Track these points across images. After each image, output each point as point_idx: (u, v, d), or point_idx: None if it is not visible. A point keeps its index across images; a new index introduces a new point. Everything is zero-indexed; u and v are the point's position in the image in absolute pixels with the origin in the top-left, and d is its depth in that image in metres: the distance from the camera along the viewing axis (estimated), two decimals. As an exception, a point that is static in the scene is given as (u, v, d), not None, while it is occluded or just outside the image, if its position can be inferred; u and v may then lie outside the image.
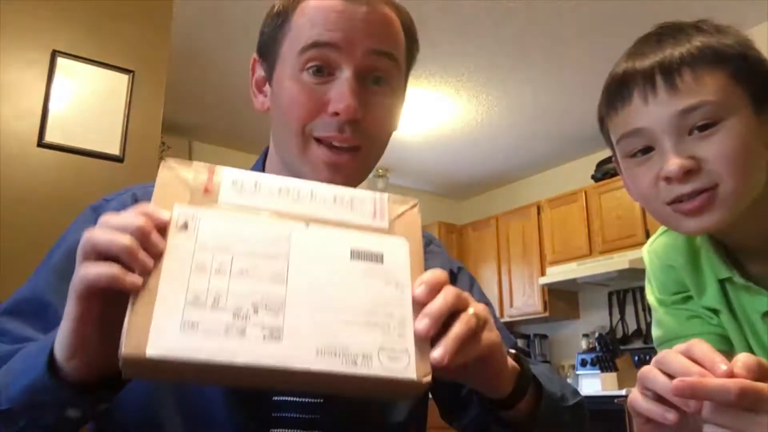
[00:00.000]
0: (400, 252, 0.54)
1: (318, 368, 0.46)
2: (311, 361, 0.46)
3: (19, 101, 2.12)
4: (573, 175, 5.04)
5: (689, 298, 0.87)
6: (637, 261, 4.08)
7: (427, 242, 0.90)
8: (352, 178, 0.74)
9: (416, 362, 0.48)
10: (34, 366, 0.51)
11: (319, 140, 0.72)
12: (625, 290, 4.59)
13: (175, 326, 0.44)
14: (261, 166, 0.82)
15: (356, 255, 0.52)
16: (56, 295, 0.64)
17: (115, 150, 2.25)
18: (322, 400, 0.70)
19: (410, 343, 0.49)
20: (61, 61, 2.20)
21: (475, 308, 0.54)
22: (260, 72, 0.80)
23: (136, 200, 0.75)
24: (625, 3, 3.07)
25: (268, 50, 0.77)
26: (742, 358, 0.48)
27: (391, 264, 0.52)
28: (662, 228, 0.90)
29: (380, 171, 5.37)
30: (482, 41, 3.46)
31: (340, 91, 0.69)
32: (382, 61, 0.72)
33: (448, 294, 0.52)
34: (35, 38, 2.18)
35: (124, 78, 2.31)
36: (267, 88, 0.78)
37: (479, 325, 0.53)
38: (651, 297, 0.93)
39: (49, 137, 2.14)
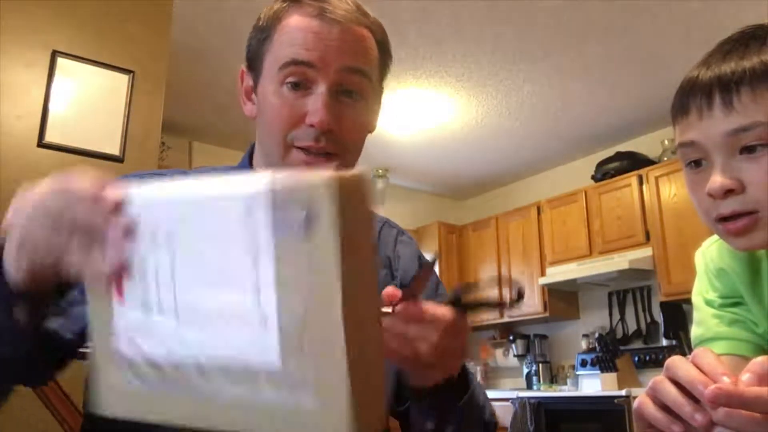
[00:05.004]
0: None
1: None
2: None
3: (19, 101, 2.12)
4: (573, 175, 5.04)
5: (738, 303, 0.86)
6: (637, 261, 4.08)
7: (400, 231, 0.98)
8: None
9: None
10: None
11: (298, 147, 0.80)
12: (625, 290, 4.59)
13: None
14: (248, 163, 0.91)
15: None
16: None
17: (115, 150, 2.25)
18: None
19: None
20: (61, 61, 2.20)
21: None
22: (248, 81, 0.87)
23: None
24: (624, 3, 3.07)
25: (253, 63, 0.85)
26: (759, 361, 0.49)
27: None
28: None
29: (380, 171, 5.37)
30: (482, 41, 3.46)
31: (316, 106, 0.78)
32: (353, 77, 0.80)
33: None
34: (35, 38, 2.18)
35: (124, 78, 2.31)
36: (254, 96, 0.86)
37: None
38: (698, 297, 0.91)
39: (49, 137, 2.14)
